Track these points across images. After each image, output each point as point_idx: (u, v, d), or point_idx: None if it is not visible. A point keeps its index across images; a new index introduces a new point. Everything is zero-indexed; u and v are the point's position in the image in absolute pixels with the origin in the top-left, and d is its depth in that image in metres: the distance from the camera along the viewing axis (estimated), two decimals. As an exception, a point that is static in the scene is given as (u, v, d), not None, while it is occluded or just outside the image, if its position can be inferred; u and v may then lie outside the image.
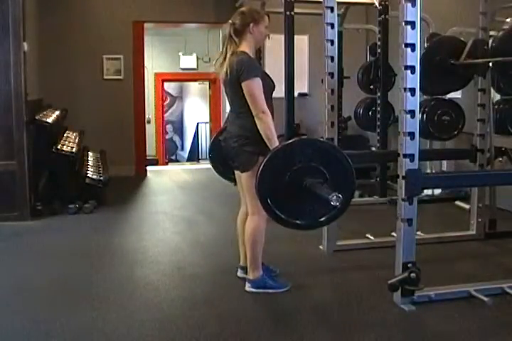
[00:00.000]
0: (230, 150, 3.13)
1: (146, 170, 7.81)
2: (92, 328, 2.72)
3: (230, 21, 3.15)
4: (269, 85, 3.09)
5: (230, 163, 3.20)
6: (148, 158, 8.37)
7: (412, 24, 2.77)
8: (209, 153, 3.68)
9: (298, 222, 2.71)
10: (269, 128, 2.94)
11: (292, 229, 2.87)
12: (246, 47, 3.11)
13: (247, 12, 3.16)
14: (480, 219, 4.21)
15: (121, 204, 5.72)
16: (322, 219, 2.69)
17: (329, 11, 3.69)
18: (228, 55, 3.09)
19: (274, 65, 3.11)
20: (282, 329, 2.74)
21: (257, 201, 3.04)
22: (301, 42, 6.82)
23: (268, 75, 3.14)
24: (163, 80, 11.29)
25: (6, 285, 3.36)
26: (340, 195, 2.52)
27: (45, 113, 5.74)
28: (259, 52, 6.45)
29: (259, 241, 3.12)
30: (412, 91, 2.82)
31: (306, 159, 2.71)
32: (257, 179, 2.76)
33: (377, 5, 5.52)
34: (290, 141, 2.85)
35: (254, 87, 2.96)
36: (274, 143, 2.92)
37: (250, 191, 3.09)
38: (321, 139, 3.06)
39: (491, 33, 4.01)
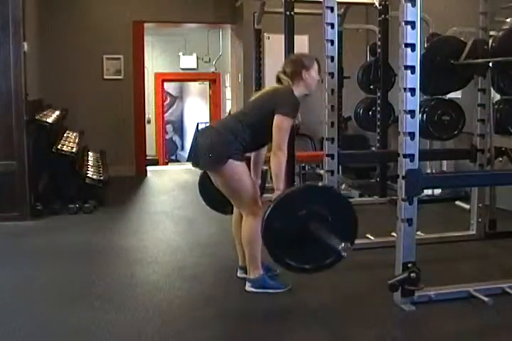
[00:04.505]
0: (202, 144, 3.12)
1: (146, 170, 7.81)
2: (92, 328, 2.72)
3: (280, 70, 3.20)
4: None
5: (196, 159, 3.22)
6: (148, 158, 8.36)
7: (412, 24, 2.78)
8: (198, 186, 3.79)
9: (306, 266, 2.76)
10: (280, 166, 3.01)
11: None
12: (296, 90, 3.15)
13: (297, 59, 3.24)
14: (480, 219, 4.20)
15: (121, 204, 5.72)
16: (327, 262, 2.75)
17: (329, 11, 3.70)
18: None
19: (274, 65, 3.10)
20: (282, 329, 2.74)
21: (246, 202, 3.10)
22: (301, 42, 6.81)
23: None
24: (163, 80, 11.28)
25: (6, 285, 3.36)
26: (349, 245, 2.59)
27: (45, 113, 5.73)
28: (260, 52, 6.47)
29: (256, 241, 3.10)
30: (412, 91, 2.82)
31: (312, 205, 2.76)
32: (262, 227, 2.78)
33: (377, 5, 5.52)
34: (294, 188, 2.91)
35: (286, 125, 3.01)
36: (280, 181, 2.98)
37: (230, 194, 3.15)
38: (327, 186, 3.13)
39: (491, 33, 4.01)
